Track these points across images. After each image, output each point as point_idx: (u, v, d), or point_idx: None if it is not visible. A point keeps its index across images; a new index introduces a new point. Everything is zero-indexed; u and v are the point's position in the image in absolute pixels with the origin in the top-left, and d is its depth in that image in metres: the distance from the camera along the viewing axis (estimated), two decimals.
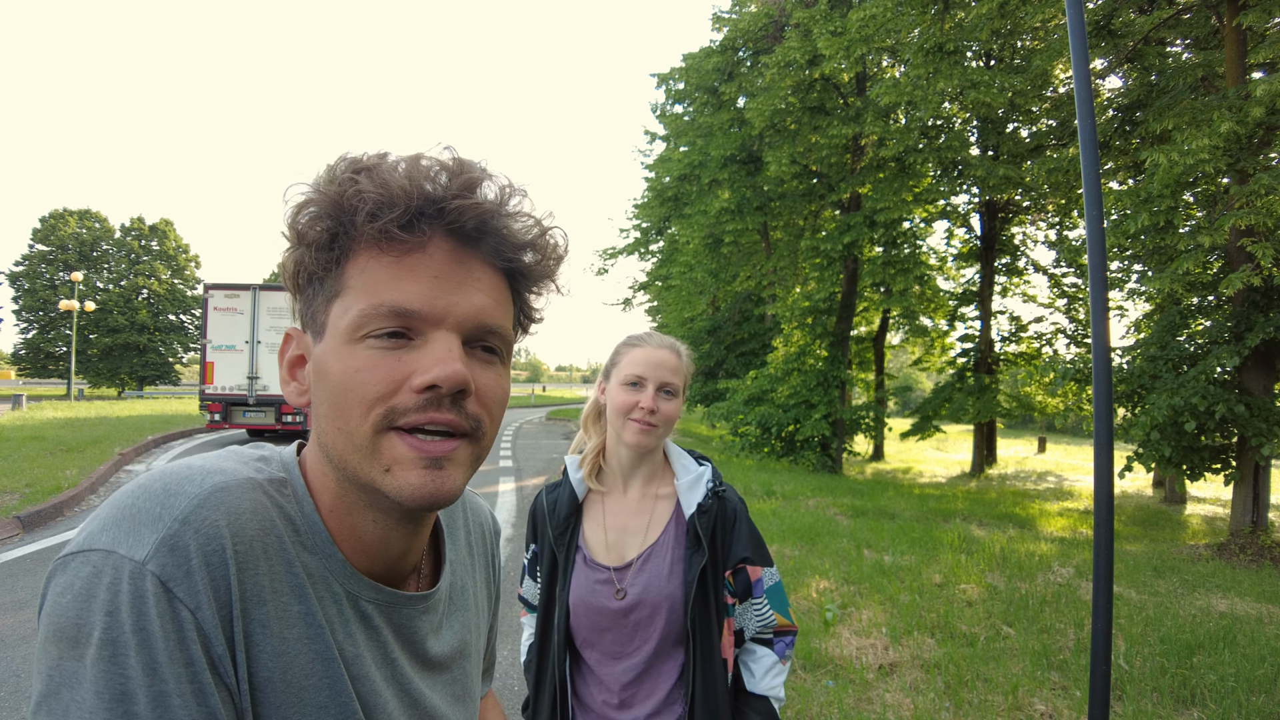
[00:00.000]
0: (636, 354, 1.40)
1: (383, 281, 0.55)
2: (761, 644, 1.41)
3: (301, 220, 0.56)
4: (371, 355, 0.55)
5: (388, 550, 0.62)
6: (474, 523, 0.81)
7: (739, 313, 22.05)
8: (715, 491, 1.40)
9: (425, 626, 0.67)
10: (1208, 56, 8.98)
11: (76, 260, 41.47)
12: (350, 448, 0.55)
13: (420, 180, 0.55)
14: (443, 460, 0.56)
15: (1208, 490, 15.68)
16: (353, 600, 0.60)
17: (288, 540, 0.56)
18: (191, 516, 0.51)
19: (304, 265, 0.58)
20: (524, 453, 13.94)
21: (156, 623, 0.47)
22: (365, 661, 0.60)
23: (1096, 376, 2.10)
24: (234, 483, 0.54)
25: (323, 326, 0.58)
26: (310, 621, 0.56)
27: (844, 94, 14.57)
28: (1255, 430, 7.45)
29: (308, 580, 0.56)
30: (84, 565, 0.48)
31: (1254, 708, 3.30)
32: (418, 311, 0.55)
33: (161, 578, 0.48)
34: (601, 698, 1.38)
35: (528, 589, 1.52)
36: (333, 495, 0.60)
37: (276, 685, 0.53)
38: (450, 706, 0.69)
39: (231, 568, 0.51)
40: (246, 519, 0.53)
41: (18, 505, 6.74)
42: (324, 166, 0.57)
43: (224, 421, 12.06)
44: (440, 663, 0.68)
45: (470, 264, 0.58)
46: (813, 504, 8.75)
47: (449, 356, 0.55)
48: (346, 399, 0.55)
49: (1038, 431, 36.83)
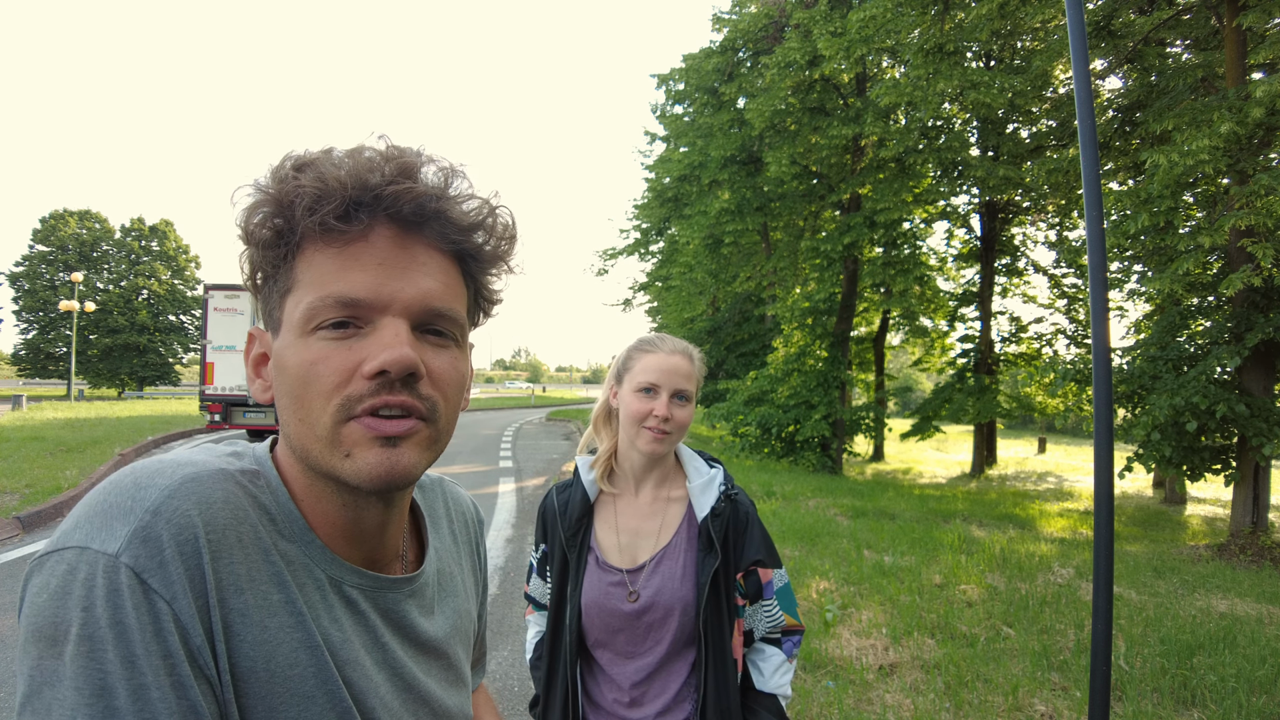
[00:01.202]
0: (650, 360, 1.39)
1: (329, 274, 0.56)
2: (770, 644, 1.42)
3: (252, 221, 0.57)
4: (324, 347, 0.56)
5: (362, 534, 0.62)
6: (456, 511, 0.82)
7: (739, 313, 22.05)
8: (728, 494, 1.40)
9: (414, 610, 0.67)
10: (1208, 57, 8.99)
11: (76, 261, 41.45)
12: (312, 438, 0.56)
13: (359, 171, 0.55)
14: (397, 439, 0.56)
15: (1208, 491, 15.69)
16: (335, 586, 0.60)
17: (263, 529, 0.56)
18: (162, 507, 0.51)
19: (256, 264, 0.59)
20: (524, 453, 13.94)
21: (133, 615, 0.47)
22: (354, 646, 0.59)
23: (1096, 377, 2.10)
24: (204, 474, 0.55)
25: (278, 322, 0.59)
26: (292, 609, 0.55)
27: (844, 95, 14.58)
28: (1256, 430, 7.46)
29: (286, 568, 0.56)
30: (59, 563, 0.48)
31: (1254, 708, 3.30)
32: (364, 300, 0.56)
33: (135, 569, 0.48)
34: (612, 696, 1.39)
35: (535, 587, 1.53)
36: (303, 484, 0.60)
37: (260, 675, 0.53)
38: (444, 691, 0.69)
39: (206, 556, 0.51)
40: (218, 508, 0.53)
41: (18, 506, 6.74)
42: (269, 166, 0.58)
43: (224, 422, 12.05)
44: (433, 646, 0.69)
45: (414, 249, 0.58)
46: (813, 504, 8.75)
47: (396, 341, 0.55)
48: (306, 391, 0.56)
49: (1038, 432, 36.84)
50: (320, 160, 0.56)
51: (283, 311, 0.58)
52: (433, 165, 0.59)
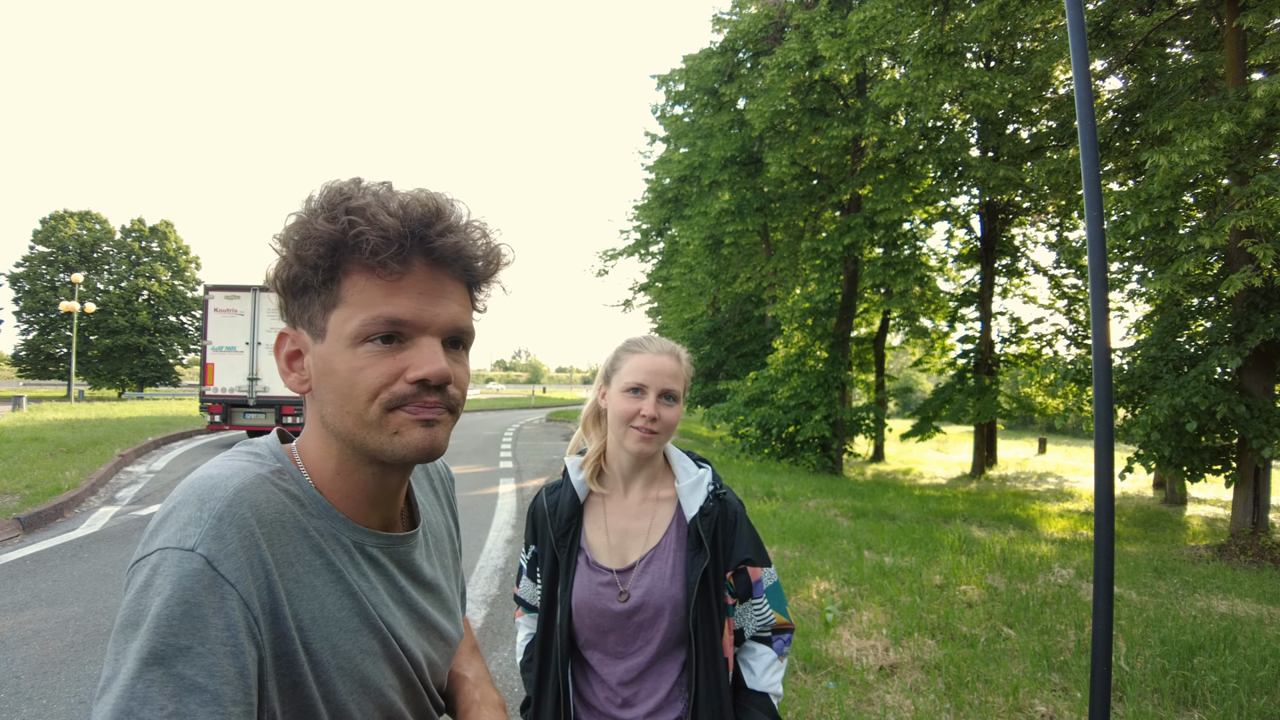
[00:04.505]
0: (637, 360, 1.40)
1: (377, 298, 0.70)
2: (761, 642, 1.42)
3: (306, 248, 0.69)
4: (371, 356, 0.70)
5: (385, 498, 0.78)
6: (433, 470, 0.99)
7: (739, 314, 22.05)
8: (716, 494, 1.41)
9: (419, 557, 0.84)
10: (1207, 58, 8.98)
11: (77, 262, 41.49)
12: (361, 424, 0.71)
13: (410, 221, 0.69)
14: (434, 421, 0.72)
15: (1208, 491, 15.68)
16: (359, 547, 0.76)
17: (297, 513, 0.71)
18: (225, 513, 0.64)
19: (300, 278, 0.71)
20: (524, 454, 13.94)
21: (203, 595, 0.59)
22: (380, 591, 0.76)
23: (1097, 377, 2.10)
24: (250, 481, 0.68)
25: (322, 330, 0.72)
26: (331, 569, 0.71)
27: (844, 95, 14.58)
28: (1256, 431, 7.45)
29: (321, 539, 0.72)
30: (144, 565, 0.61)
31: (1255, 709, 3.29)
32: (408, 321, 0.70)
33: (209, 558, 0.61)
34: (604, 695, 1.39)
35: (525, 589, 1.52)
36: (333, 466, 0.75)
37: (319, 620, 0.69)
38: (444, 618, 0.87)
39: (263, 545, 0.65)
40: (264, 507, 0.68)
41: (18, 507, 6.74)
42: (316, 198, 0.70)
43: (224, 423, 12.04)
44: (433, 585, 0.86)
45: (444, 281, 0.73)
46: (813, 505, 8.74)
47: (435, 358, 0.71)
48: (355, 390, 0.70)
49: (1038, 432, 36.83)
50: (370, 207, 0.68)
51: (326, 322, 0.71)
52: (454, 210, 0.73)
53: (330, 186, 0.71)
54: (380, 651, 0.74)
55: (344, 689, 0.70)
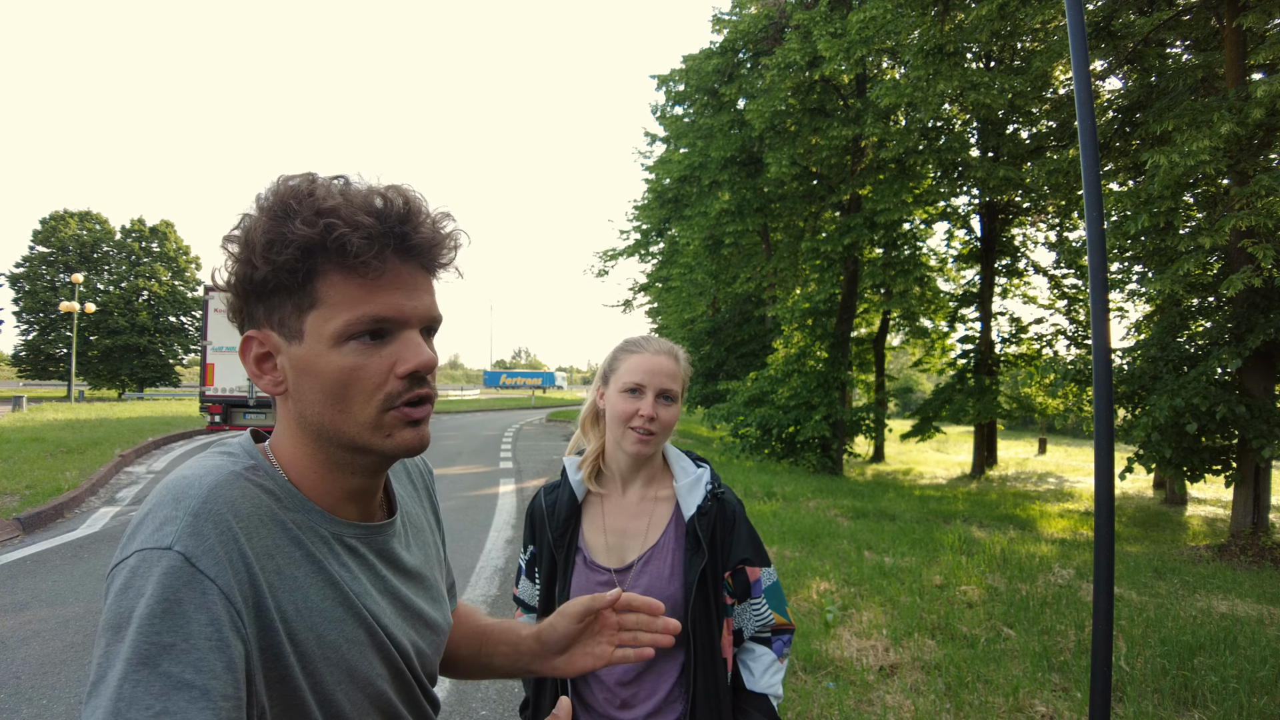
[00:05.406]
0: (635, 360, 1.40)
1: (358, 297, 0.70)
2: (760, 643, 1.41)
3: (276, 251, 0.68)
4: (358, 354, 0.70)
5: (367, 492, 0.79)
6: (410, 464, 0.99)
7: (739, 314, 22.05)
8: (714, 493, 1.40)
9: (398, 546, 0.84)
10: (1207, 58, 8.99)
11: (77, 262, 41.49)
12: (354, 425, 0.72)
13: (388, 220, 0.70)
14: (420, 421, 0.75)
15: (1208, 492, 15.67)
16: (337, 538, 0.75)
17: (274, 507, 0.71)
18: (200, 510, 0.64)
19: (270, 281, 0.70)
20: (524, 454, 13.94)
21: (184, 591, 0.59)
22: (362, 581, 0.76)
23: (1097, 377, 2.10)
24: (225, 478, 0.68)
25: (298, 331, 0.71)
26: (311, 560, 0.71)
27: (844, 95, 14.58)
28: (1256, 432, 7.44)
29: (299, 531, 0.72)
30: (123, 569, 0.61)
31: (1255, 709, 3.29)
32: (390, 317, 0.71)
33: (187, 555, 0.60)
34: (603, 696, 1.38)
35: (524, 590, 1.52)
36: (311, 461, 0.75)
37: (303, 612, 0.68)
38: (430, 606, 0.87)
39: (241, 539, 0.65)
40: (240, 501, 0.67)
41: (18, 507, 6.74)
42: (271, 199, 0.69)
43: (224, 423, 12.05)
44: (416, 573, 0.86)
45: (416, 274, 0.75)
46: (813, 505, 8.74)
47: (420, 349, 0.73)
48: (349, 391, 0.71)
49: (1038, 433, 36.81)
50: (343, 206, 0.68)
51: (303, 323, 0.71)
52: (422, 204, 0.74)
53: (286, 185, 0.70)
54: (366, 641, 0.74)
55: (331, 680, 0.70)
